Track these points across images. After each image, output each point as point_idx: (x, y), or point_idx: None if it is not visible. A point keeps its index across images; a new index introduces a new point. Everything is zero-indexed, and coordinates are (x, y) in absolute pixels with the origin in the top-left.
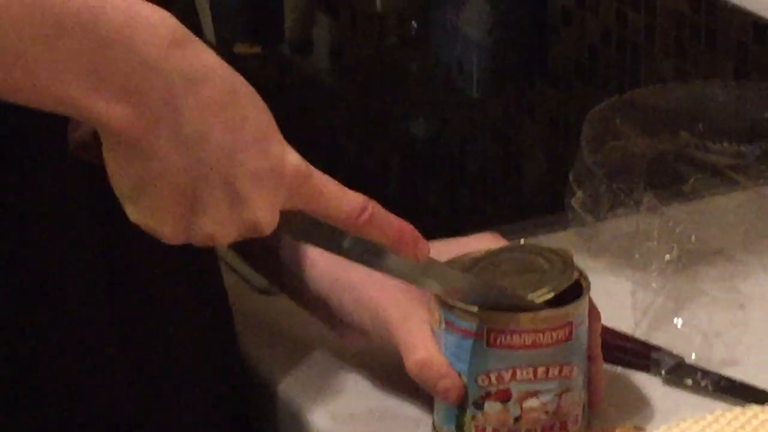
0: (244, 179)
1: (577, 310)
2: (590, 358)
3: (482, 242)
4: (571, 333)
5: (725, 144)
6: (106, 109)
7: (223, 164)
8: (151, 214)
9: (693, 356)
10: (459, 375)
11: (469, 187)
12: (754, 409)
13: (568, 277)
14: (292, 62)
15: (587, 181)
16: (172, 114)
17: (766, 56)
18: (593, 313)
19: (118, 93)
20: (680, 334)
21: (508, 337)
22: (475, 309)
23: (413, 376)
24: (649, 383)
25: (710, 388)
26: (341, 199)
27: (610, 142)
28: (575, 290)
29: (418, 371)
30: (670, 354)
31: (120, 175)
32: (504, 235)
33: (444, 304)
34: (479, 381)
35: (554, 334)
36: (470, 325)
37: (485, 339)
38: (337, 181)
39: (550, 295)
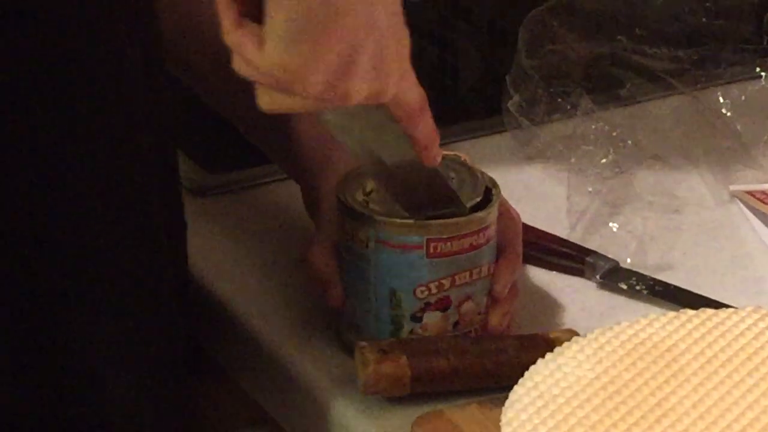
0: (390, 51)
1: (495, 210)
2: (509, 254)
3: None
4: (495, 230)
5: (662, 49)
6: None
7: (385, 32)
8: (306, 58)
9: (628, 260)
10: (392, 291)
11: None
12: (688, 313)
13: (482, 180)
14: None
15: (524, 85)
16: None
17: None
18: (510, 211)
19: None
20: (615, 238)
21: (449, 244)
22: (413, 222)
23: (304, 262)
24: (584, 287)
25: (645, 292)
26: (416, 90)
27: (547, 46)
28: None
29: (308, 262)
30: (605, 258)
31: (287, 10)
32: (441, 138)
33: (375, 223)
34: (418, 294)
35: (485, 234)
36: (409, 238)
37: (426, 250)
38: None
39: (479, 198)
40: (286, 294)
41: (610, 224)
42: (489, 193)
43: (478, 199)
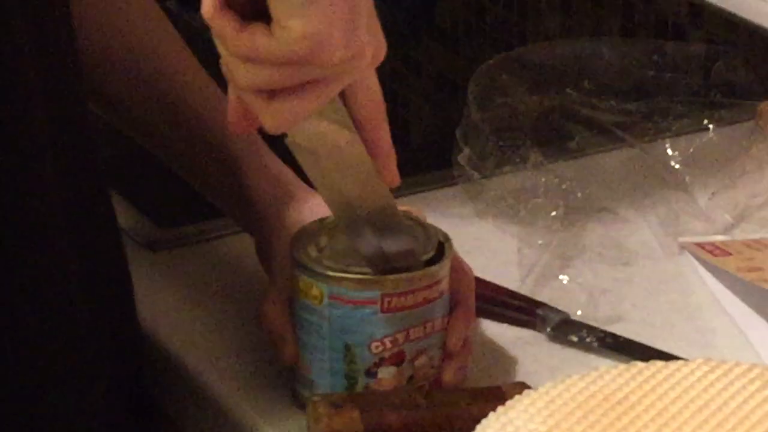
0: (371, 9)
1: (448, 264)
2: (462, 308)
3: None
4: (447, 284)
5: (611, 101)
6: None
7: None
8: (324, 20)
9: (578, 312)
10: (346, 346)
11: None
12: (638, 365)
13: (434, 234)
14: (179, 17)
15: (474, 138)
16: None
17: (652, 14)
18: (462, 265)
19: None
20: (566, 290)
21: (403, 299)
22: (366, 277)
23: (257, 317)
24: (534, 340)
25: (595, 344)
26: (376, 83)
27: (497, 99)
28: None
29: (261, 318)
30: (555, 310)
31: None
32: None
33: (328, 279)
34: (372, 349)
35: (438, 288)
36: (363, 294)
37: (380, 305)
38: None
39: (432, 253)
40: (239, 349)
41: (560, 277)
42: (441, 247)
43: (432, 254)
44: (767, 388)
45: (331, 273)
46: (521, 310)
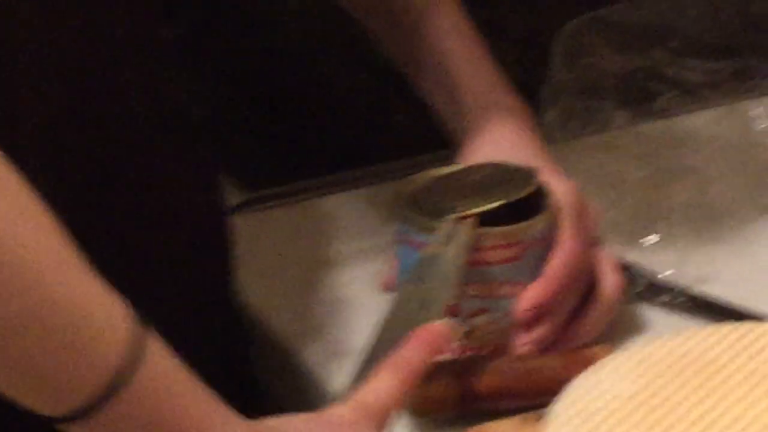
0: None
1: (530, 229)
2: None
3: None
4: (522, 252)
5: (697, 61)
6: None
7: None
8: None
9: (668, 273)
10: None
11: None
12: (729, 326)
13: (522, 189)
14: None
15: (559, 99)
16: None
17: None
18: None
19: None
20: (655, 250)
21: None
22: (429, 221)
23: None
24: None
25: (685, 305)
26: None
27: (581, 60)
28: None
29: None
30: (644, 271)
31: None
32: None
33: (399, 216)
34: None
35: (505, 252)
36: (424, 237)
37: None
38: None
39: (497, 204)
40: (330, 317)
41: (649, 237)
42: (537, 206)
43: (496, 204)
44: None
45: (402, 211)
46: None
